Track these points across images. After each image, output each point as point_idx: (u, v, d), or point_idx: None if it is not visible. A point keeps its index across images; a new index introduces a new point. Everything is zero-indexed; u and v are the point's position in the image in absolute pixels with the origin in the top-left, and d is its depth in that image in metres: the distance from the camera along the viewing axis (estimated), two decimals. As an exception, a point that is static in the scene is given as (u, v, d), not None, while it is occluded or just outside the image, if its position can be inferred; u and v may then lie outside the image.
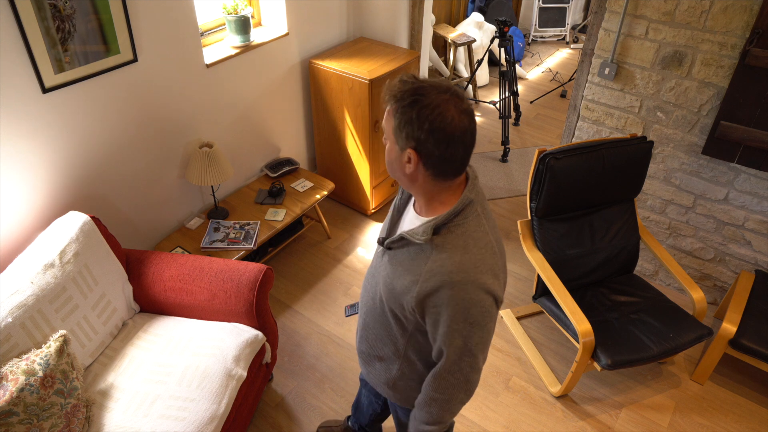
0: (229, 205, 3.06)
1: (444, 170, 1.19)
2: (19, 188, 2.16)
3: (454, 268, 1.19)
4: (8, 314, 1.80)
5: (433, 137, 1.13)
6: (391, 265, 1.32)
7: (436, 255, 1.22)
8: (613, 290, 2.65)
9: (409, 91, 1.14)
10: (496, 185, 3.99)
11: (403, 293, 1.28)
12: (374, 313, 1.45)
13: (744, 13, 2.33)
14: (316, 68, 3.25)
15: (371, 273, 1.47)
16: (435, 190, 1.24)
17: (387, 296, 1.34)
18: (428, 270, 1.22)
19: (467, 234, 1.23)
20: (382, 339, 1.46)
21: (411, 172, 1.20)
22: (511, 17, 5.76)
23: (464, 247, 1.21)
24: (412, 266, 1.25)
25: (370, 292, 1.45)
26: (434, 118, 1.11)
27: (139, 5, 2.31)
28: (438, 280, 1.20)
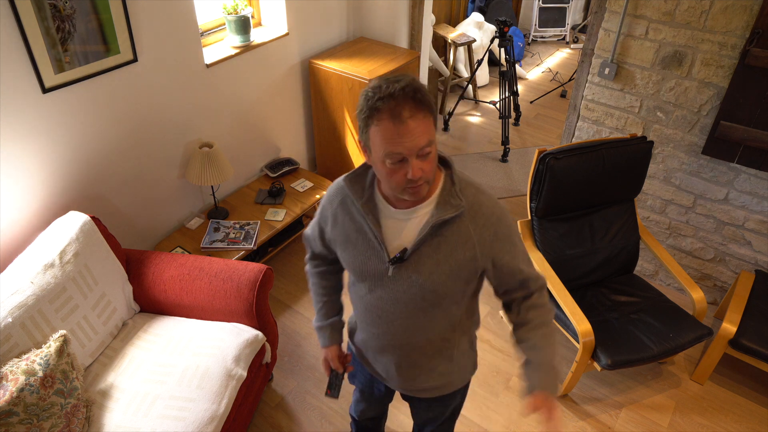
0: (229, 205, 3.06)
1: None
2: (19, 188, 2.16)
3: (491, 209, 1.30)
4: (8, 314, 1.80)
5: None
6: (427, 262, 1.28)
7: (470, 212, 1.28)
8: (613, 290, 2.65)
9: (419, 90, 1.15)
10: (496, 185, 3.99)
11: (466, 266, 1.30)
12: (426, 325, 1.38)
13: (744, 13, 2.33)
14: (316, 68, 3.25)
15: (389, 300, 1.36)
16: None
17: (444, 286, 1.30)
18: (475, 227, 1.28)
19: (470, 182, 1.33)
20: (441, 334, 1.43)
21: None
22: (511, 17, 5.76)
23: (480, 191, 1.32)
24: (457, 239, 1.28)
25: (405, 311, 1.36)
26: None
27: (139, 5, 2.31)
28: (490, 226, 1.29)
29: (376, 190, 1.33)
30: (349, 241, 1.36)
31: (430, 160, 1.19)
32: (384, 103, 1.13)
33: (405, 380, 1.53)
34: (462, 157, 4.28)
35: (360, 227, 1.34)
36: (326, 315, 1.61)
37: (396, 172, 1.18)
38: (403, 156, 1.15)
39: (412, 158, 1.16)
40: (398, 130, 1.13)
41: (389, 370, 1.52)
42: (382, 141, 1.15)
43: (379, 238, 1.30)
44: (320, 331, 1.61)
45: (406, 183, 1.19)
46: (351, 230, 1.35)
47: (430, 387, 1.55)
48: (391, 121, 1.13)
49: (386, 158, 1.17)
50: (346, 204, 1.36)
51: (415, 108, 1.13)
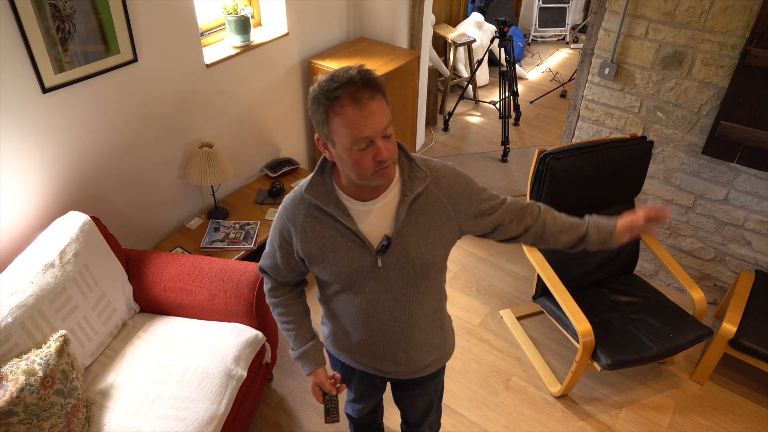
0: (229, 205, 3.06)
1: None
2: (19, 188, 2.16)
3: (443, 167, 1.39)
4: (8, 314, 1.80)
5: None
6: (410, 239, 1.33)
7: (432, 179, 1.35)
8: (613, 290, 2.65)
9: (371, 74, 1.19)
10: (496, 185, 3.99)
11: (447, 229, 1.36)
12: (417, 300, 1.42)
13: (744, 13, 2.33)
14: (316, 68, 3.24)
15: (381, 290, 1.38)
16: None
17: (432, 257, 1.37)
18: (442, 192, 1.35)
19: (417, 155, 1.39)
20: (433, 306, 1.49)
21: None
22: (511, 17, 5.76)
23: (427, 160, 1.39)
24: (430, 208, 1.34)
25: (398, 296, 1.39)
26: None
27: (139, 5, 2.31)
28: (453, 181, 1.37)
29: (338, 190, 1.34)
30: (327, 250, 1.34)
31: (393, 141, 1.24)
32: (343, 90, 1.16)
33: (411, 363, 1.52)
34: (462, 157, 4.29)
35: (336, 231, 1.33)
36: (303, 340, 1.56)
37: (364, 157, 1.20)
38: (370, 139, 1.18)
39: (378, 139, 1.19)
40: (363, 113, 1.16)
41: (396, 358, 1.50)
42: (347, 128, 1.17)
43: (360, 234, 1.31)
44: (303, 359, 1.55)
45: (375, 167, 1.22)
46: (327, 238, 1.34)
47: (433, 361, 1.58)
48: (354, 106, 1.16)
49: (353, 145, 1.19)
50: (312, 215, 1.35)
51: (372, 91, 1.17)
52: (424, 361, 1.55)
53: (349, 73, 1.17)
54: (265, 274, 1.56)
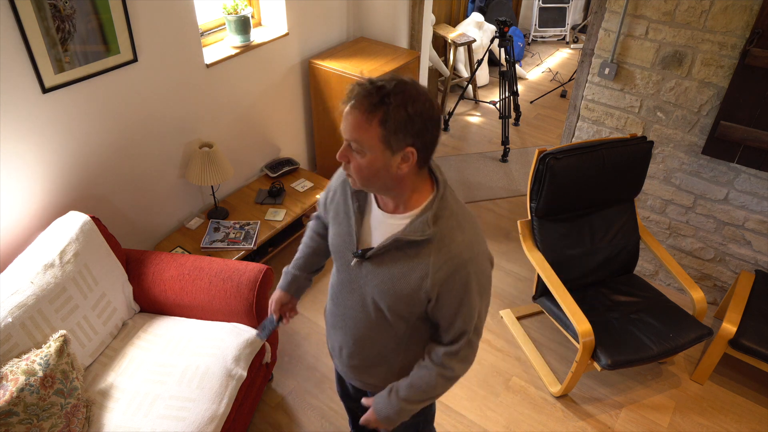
0: (229, 205, 3.06)
1: (428, 155, 1.22)
2: (19, 188, 2.16)
3: (460, 249, 1.23)
4: (8, 314, 1.80)
5: (429, 127, 1.16)
6: (382, 271, 1.30)
7: (437, 244, 1.24)
8: (613, 290, 2.65)
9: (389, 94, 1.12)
10: (496, 185, 3.99)
11: (413, 292, 1.27)
12: (368, 323, 1.41)
13: (744, 13, 2.33)
14: (316, 68, 3.25)
15: (347, 288, 1.41)
16: (416, 182, 1.25)
17: (390, 301, 1.32)
18: (435, 261, 1.24)
19: (455, 213, 1.27)
20: (381, 343, 1.44)
21: (405, 172, 1.19)
22: (511, 17, 5.76)
23: (459, 227, 1.25)
24: (414, 264, 1.25)
25: (356, 305, 1.41)
26: (424, 109, 1.14)
27: (139, 5, 2.31)
28: (450, 265, 1.23)
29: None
30: (336, 218, 1.41)
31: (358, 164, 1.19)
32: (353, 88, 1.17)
33: (346, 365, 1.56)
34: (462, 157, 4.29)
35: (347, 211, 1.38)
36: (299, 267, 1.67)
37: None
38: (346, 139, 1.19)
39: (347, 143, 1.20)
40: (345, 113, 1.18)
41: (335, 348, 1.58)
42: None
43: (355, 228, 1.35)
44: (285, 275, 1.67)
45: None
46: (341, 210, 1.40)
47: (368, 382, 1.56)
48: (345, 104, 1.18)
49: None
50: (345, 185, 1.40)
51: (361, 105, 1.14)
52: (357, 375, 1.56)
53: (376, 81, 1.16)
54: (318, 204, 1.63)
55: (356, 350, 1.50)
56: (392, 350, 1.45)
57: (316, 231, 1.66)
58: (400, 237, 1.25)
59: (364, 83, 1.15)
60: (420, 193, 1.27)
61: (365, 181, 1.22)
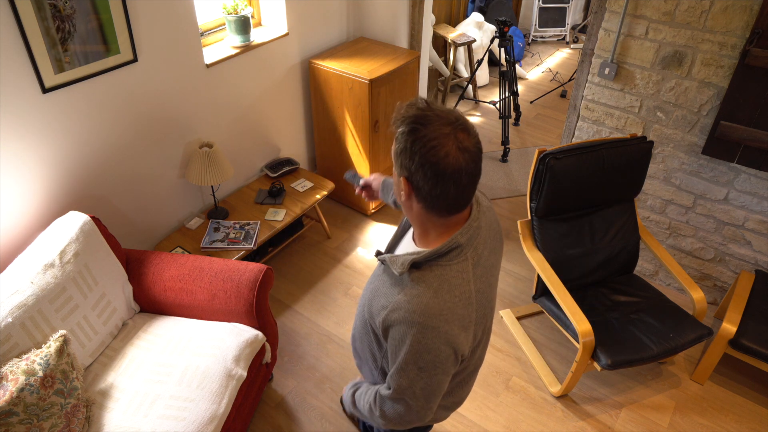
0: (229, 205, 3.06)
1: (436, 205, 1.14)
2: (19, 188, 2.16)
3: (418, 309, 1.15)
4: (8, 314, 1.80)
5: (423, 171, 1.08)
6: (378, 281, 1.31)
7: (408, 289, 1.18)
8: (613, 290, 2.65)
9: (410, 118, 1.09)
10: (496, 185, 3.99)
11: (375, 313, 1.26)
12: (362, 321, 1.42)
13: (744, 13, 2.33)
14: (316, 68, 3.25)
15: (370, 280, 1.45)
16: (429, 222, 1.19)
17: (367, 310, 1.32)
18: (396, 302, 1.19)
19: (443, 278, 1.17)
20: (365, 347, 1.45)
21: (404, 200, 1.18)
22: (511, 17, 5.76)
23: (436, 291, 1.16)
24: (388, 291, 1.23)
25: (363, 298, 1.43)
26: (426, 152, 1.06)
27: (139, 5, 2.31)
28: (401, 314, 1.17)
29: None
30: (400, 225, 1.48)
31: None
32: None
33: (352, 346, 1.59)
34: (462, 157, 4.28)
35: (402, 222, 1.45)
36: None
37: None
38: None
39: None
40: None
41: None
42: None
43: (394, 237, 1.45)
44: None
45: None
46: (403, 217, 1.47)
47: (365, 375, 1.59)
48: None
49: None
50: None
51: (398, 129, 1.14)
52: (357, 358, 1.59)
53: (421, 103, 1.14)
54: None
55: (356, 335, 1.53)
56: (371, 363, 1.45)
57: None
58: (386, 259, 1.25)
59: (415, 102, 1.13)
60: (436, 240, 1.21)
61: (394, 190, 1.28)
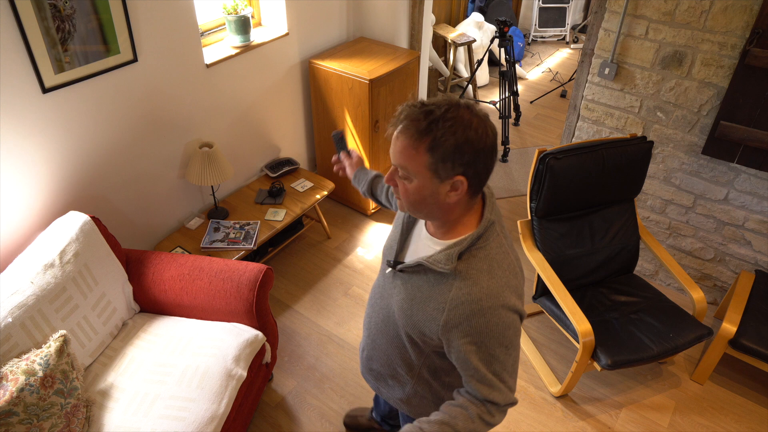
0: (229, 205, 3.06)
1: (480, 187, 1.16)
2: (19, 188, 2.16)
3: (483, 294, 1.15)
4: (8, 314, 1.80)
5: (481, 156, 1.10)
6: (407, 290, 1.27)
7: (460, 282, 1.17)
8: (613, 290, 2.65)
9: (438, 120, 1.07)
10: (496, 185, 3.99)
11: (425, 321, 1.23)
12: (387, 335, 1.40)
13: (744, 13, 2.33)
14: (316, 68, 3.25)
15: (380, 293, 1.42)
16: (459, 210, 1.19)
17: (404, 322, 1.29)
18: (453, 298, 1.17)
19: (490, 257, 1.19)
20: (395, 360, 1.42)
21: (455, 200, 1.14)
22: (511, 17, 5.76)
23: (489, 271, 1.17)
24: (434, 293, 1.21)
25: (381, 313, 1.40)
26: (476, 137, 1.08)
27: (139, 5, 2.31)
28: (467, 308, 1.16)
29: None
30: (394, 222, 1.42)
31: (405, 189, 1.16)
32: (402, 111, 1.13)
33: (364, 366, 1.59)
34: (462, 157, 4.28)
35: (402, 221, 1.37)
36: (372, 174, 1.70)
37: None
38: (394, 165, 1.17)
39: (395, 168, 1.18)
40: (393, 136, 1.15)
41: (360, 347, 1.60)
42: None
43: (399, 238, 1.34)
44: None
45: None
46: (398, 216, 1.40)
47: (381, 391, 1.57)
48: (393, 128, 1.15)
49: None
50: None
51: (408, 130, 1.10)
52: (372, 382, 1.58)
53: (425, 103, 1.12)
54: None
55: (374, 355, 1.50)
56: (405, 372, 1.43)
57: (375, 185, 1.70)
58: (423, 263, 1.21)
59: (414, 106, 1.10)
60: (464, 225, 1.21)
61: (412, 206, 1.19)
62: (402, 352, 1.38)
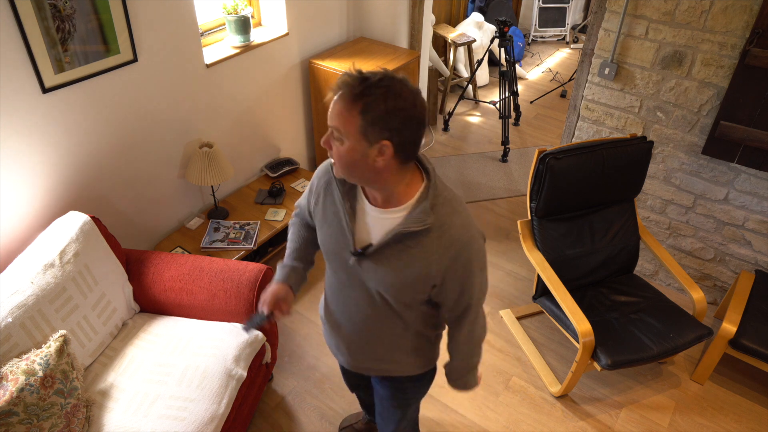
0: (229, 205, 3.06)
1: (412, 153, 1.24)
2: (19, 188, 2.16)
3: (459, 232, 1.29)
4: (8, 314, 1.80)
5: (408, 124, 1.18)
6: (385, 265, 1.32)
7: (437, 231, 1.28)
8: (613, 290, 2.65)
9: (371, 86, 1.15)
10: (496, 185, 3.99)
11: (418, 281, 1.32)
12: (377, 315, 1.45)
13: (744, 13, 2.33)
14: (316, 68, 3.25)
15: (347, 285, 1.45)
16: (401, 176, 1.27)
17: (395, 292, 1.36)
18: (438, 248, 1.28)
19: (448, 199, 1.31)
20: (390, 331, 1.50)
21: (382, 165, 1.21)
22: (511, 17, 5.76)
23: (454, 211, 1.30)
24: (417, 252, 1.29)
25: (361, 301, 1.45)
26: (405, 106, 1.16)
27: (139, 5, 2.31)
28: (452, 250, 1.29)
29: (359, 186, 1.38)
30: (325, 221, 1.42)
31: (338, 151, 1.22)
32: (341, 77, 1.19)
33: (351, 357, 1.61)
34: (462, 157, 4.29)
35: (337, 212, 1.39)
36: (297, 258, 1.66)
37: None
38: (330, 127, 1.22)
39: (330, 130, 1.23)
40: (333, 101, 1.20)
41: (340, 346, 1.62)
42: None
43: (350, 227, 1.35)
44: (281, 269, 1.64)
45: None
46: (329, 212, 1.41)
47: (374, 368, 1.62)
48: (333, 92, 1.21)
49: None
50: (330, 186, 1.41)
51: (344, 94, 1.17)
52: (363, 364, 1.62)
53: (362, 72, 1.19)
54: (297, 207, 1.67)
55: (369, 348, 1.54)
56: (401, 335, 1.51)
57: (304, 223, 1.66)
58: (401, 230, 1.27)
59: (352, 74, 1.17)
60: (410, 186, 1.30)
61: (344, 169, 1.24)
62: (396, 320, 1.47)
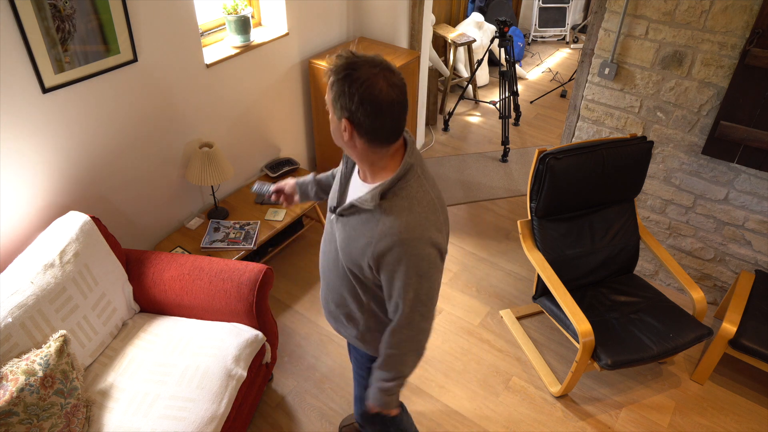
0: (229, 205, 3.06)
1: (378, 137, 1.30)
2: (19, 188, 2.16)
3: (403, 228, 1.32)
4: (8, 314, 1.80)
5: (363, 108, 1.24)
6: (345, 230, 1.43)
7: (384, 218, 1.34)
8: (613, 290, 2.65)
9: (342, 66, 1.25)
10: (496, 185, 3.99)
11: (359, 255, 1.39)
12: (337, 274, 1.54)
13: (744, 13, 2.33)
14: (316, 68, 3.25)
15: (327, 239, 1.57)
16: (373, 156, 1.35)
17: (345, 259, 1.45)
18: (379, 232, 1.34)
19: (411, 196, 1.36)
20: (346, 297, 1.57)
21: (348, 139, 1.32)
22: (511, 17, 5.76)
23: (409, 208, 1.34)
24: (365, 230, 1.37)
25: (330, 255, 1.55)
26: (363, 91, 1.23)
27: (139, 5, 2.31)
28: (389, 240, 1.33)
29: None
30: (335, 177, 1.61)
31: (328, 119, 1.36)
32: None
33: (326, 310, 1.70)
34: (462, 157, 4.29)
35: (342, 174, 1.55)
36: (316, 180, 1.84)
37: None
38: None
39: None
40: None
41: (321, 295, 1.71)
42: None
43: (338, 187, 1.52)
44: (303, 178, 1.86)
45: None
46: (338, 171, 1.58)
47: (333, 324, 1.71)
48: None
49: None
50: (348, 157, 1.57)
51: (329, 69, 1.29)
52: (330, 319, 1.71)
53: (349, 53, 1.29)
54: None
55: (330, 297, 1.63)
56: (357, 309, 1.57)
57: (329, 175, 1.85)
58: (354, 203, 1.39)
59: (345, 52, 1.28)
60: (385, 170, 1.38)
61: (332, 134, 1.38)
62: (350, 289, 1.53)
